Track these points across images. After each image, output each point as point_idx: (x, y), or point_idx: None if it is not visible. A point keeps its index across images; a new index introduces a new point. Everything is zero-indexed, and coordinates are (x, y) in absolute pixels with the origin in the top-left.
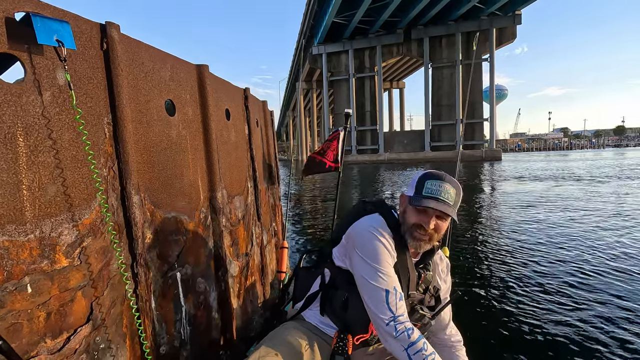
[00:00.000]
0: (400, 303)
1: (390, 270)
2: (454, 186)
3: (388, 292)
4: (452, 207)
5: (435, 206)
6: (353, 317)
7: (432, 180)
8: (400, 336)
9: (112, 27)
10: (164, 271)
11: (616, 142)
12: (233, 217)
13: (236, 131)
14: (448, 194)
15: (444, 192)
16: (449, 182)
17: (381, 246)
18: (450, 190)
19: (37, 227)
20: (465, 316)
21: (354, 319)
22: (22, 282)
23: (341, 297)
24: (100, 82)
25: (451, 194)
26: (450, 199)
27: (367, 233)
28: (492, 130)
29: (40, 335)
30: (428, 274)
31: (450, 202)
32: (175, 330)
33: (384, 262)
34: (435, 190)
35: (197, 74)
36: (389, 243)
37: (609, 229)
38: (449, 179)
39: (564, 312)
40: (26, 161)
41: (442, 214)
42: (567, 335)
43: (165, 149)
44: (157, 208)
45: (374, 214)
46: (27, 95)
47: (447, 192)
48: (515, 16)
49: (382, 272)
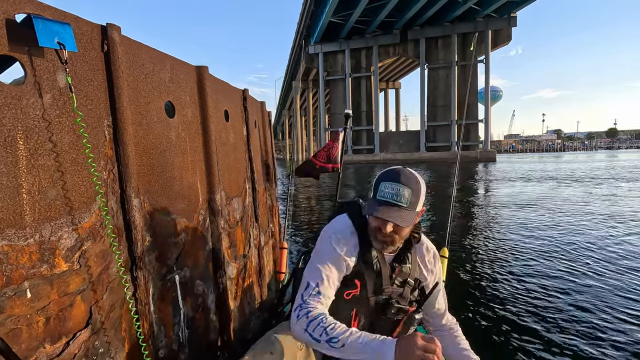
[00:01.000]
0: (314, 298)
1: (325, 269)
2: (410, 185)
3: (308, 285)
4: (406, 209)
5: (384, 214)
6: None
7: (386, 182)
8: (300, 319)
9: (113, 29)
10: (163, 274)
11: (608, 144)
12: (231, 219)
13: (235, 132)
14: (401, 197)
15: (396, 195)
16: (403, 182)
17: (329, 250)
18: (404, 192)
19: (36, 231)
20: (466, 314)
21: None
22: (22, 287)
23: None
24: (101, 84)
25: (404, 196)
26: (404, 201)
27: (324, 237)
28: (487, 131)
29: (39, 341)
30: (405, 267)
31: (404, 203)
32: (173, 334)
33: (323, 260)
34: (387, 193)
35: (197, 75)
36: (343, 248)
37: (605, 228)
38: (405, 179)
39: (563, 309)
40: (26, 164)
41: None
42: (564, 331)
43: (164, 151)
44: (156, 210)
45: (342, 215)
46: (27, 97)
47: (400, 195)
48: (510, 18)
49: (315, 267)
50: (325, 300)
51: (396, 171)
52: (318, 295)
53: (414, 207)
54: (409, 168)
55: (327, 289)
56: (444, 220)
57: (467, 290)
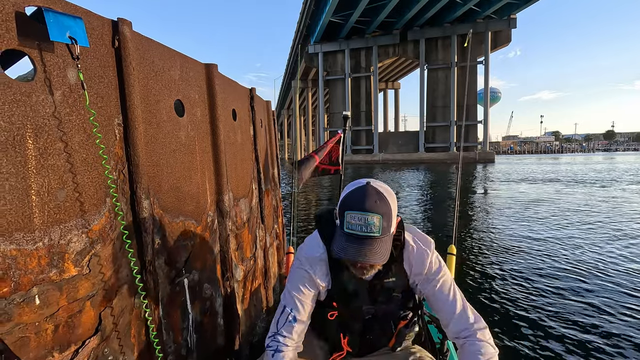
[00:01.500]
0: (289, 325)
1: (297, 293)
2: (378, 210)
3: (284, 309)
4: (380, 238)
5: (356, 255)
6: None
7: (352, 212)
8: (269, 350)
9: (124, 24)
10: (172, 278)
11: (606, 146)
12: (238, 220)
13: (242, 132)
14: (370, 226)
15: (365, 226)
16: (370, 209)
17: (300, 276)
18: (374, 220)
19: (45, 234)
20: None
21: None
22: (30, 293)
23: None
24: (112, 82)
25: (375, 225)
26: (375, 230)
27: (296, 261)
28: (485, 132)
29: (48, 349)
30: (388, 282)
31: (375, 233)
32: (182, 339)
33: (294, 284)
34: (355, 225)
35: (206, 73)
36: (315, 272)
37: (605, 229)
38: (371, 204)
39: (562, 306)
40: (35, 165)
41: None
42: (565, 330)
43: (174, 151)
44: (165, 212)
45: (314, 235)
46: (37, 94)
47: (369, 225)
48: (510, 20)
49: (288, 291)
50: (300, 325)
51: (360, 195)
52: (292, 323)
53: (387, 232)
54: (373, 182)
55: (302, 314)
56: (447, 219)
57: (474, 287)
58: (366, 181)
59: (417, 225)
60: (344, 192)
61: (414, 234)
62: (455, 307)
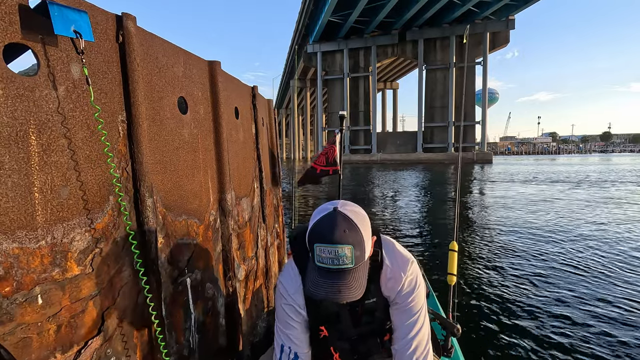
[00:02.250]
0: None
1: (289, 330)
2: (348, 241)
3: (282, 348)
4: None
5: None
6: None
7: (320, 245)
8: None
9: (129, 19)
10: (175, 277)
11: (602, 147)
12: (240, 220)
13: (244, 130)
14: (343, 258)
15: (336, 259)
16: (339, 240)
17: (283, 310)
18: (345, 251)
19: (48, 232)
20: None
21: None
22: (33, 292)
23: None
24: (115, 77)
25: (347, 256)
26: (348, 261)
27: (277, 295)
28: (483, 133)
29: (50, 350)
30: (368, 304)
31: (349, 264)
32: (184, 339)
33: (283, 322)
34: (327, 259)
35: (209, 70)
36: (294, 304)
37: (603, 228)
38: (340, 234)
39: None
40: (38, 161)
41: None
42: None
43: (177, 148)
44: (168, 211)
45: (289, 262)
46: (40, 89)
47: (341, 257)
48: (508, 21)
49: (279, 330)
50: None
51: (328, 225)
52: (296, 357)
53: (361, 260)
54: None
55: (301, 347)
56: (446, 218)
57: (475, 281)
58: (333, 207)
59: (416, 224)
60: (312, 219)
61: (390, 252)
62: (409, 333)
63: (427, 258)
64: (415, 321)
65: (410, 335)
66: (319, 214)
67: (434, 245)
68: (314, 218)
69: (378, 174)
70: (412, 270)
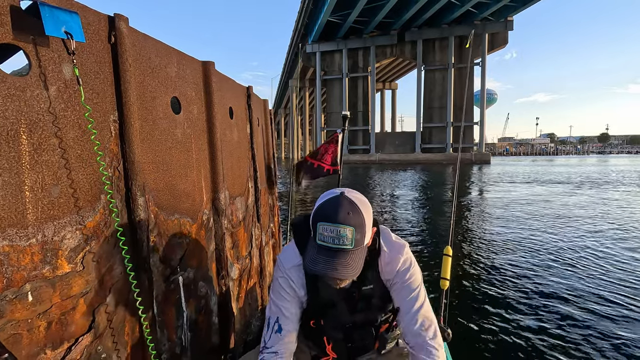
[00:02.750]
0: (276, 335)
1: (280, 301)
2: (351, 222)
3: (269, 320)
4: (353, 250)
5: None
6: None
7: (324, 223)
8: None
9: (121, 20)
10: (167, 276)
11: (600, 149)
12: (234, 219)
13: (239, 130)
14: (343, 239)
15: (337, 238)
16: (342, 221)
17: (277, 282)
18: (346, 232)
19: (39, 230)
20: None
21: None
22: (23, 289)
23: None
24: (107, 78)
25: (347, 237)
26: (347, 243)
27: (276, 271)
28: (481, 133)
29: (40, 346)
30: (365, 290)
31: (348, 245)
32: (176, 337)
33: (276, 293)
34: (327, 237)
35: (203, 71)
36: (293, 281)
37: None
38: (344, 216)
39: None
40: (29, 160)
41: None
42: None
43: (170, 148)
44: (161, 210)
45: (291, 243)
46: (31, 89)
47: (342, 237)
48: (507, 22)
49: (271, 300)
50: (287, 334)
51: (333, 206)
52: (279, 332)
53: (361, 244)
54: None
55: (287, 322)
56: (443, 220)
57: (469, 286)
58: (340, 191)
59: (412, 225)
60: (318, 201)
61: (387, 240)
62: (412, 307)
63: (420, 262)
64: (416, 296)
65: (414, 309)
66: (326, 196)
67: (428, 248)
68: (320, 200)
69: (376, 174)
70: (407, 252)
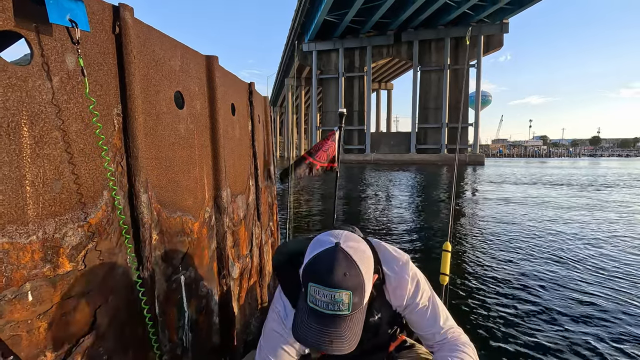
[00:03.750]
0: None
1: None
2: (347, 285)
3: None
4: (351, 315)
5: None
6: None
7: (316, 286)
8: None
9: (126, 10)
10: (169, 275)
11: (591, 151)
12: (235, 217)
13: (240, 127)
14: (339, 304)
15: (332, 304)
16: (338, 283)
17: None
18: (342, 297)
19: (40, 227)
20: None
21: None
22: (23, 289)
23: None
24: (111, 69)
25: (344, 302)
26: (344, 308)
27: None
28: (476, 135)
29: (40, 348)
30: (372, 320)
31: (345, 311)
32: (177, 337)
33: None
34: (321, 302)
35: (207, 65)
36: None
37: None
38: (339, 278)
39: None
40: (30, 154)
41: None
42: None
43: (173, 144)
44: (163, 207)
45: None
46: (33, 79)
47: (337, 303)
48: (502, 25)
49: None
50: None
51: (327, 265)
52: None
53: (359, 306)
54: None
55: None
56: (440, 218)
57: (467, 281)
58: (335, 241)
59: (409, 224)
60: (310, 251)
61: (388, 261)
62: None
63: (419, 259)
64: (434, 310)
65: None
66: (319, 247)
67: (426, 245)
68: (311, 250)
69: (372, 174)
70: (411, 267)
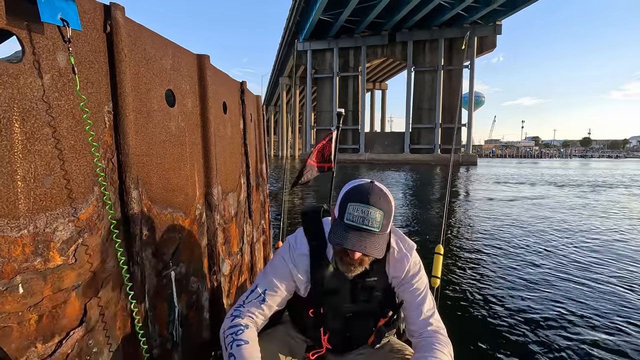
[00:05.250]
0: (257, 304)
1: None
2: (381, 207)
3: (255, 288)
4: (378, 234)
5: (355, 245)
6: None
7: (355, 204)
8: (228, 319)
9: (117, 9)
10: (159, 270)
11: (582, 152)
12: (226, 214)
13: (232, 125)
14: (372, 220)
15: (367, 219)
16: (374, 204)
17: (282, 260)
18: (376, 215)
19: (31, 221)
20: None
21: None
22: (14, 281)
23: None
24: (102, 67)
25: (376, 220)
26: (376, 225)
27: (280, 250)
28: (469, 135)
29: (30, 340)
30: (369, 281)
31: (375, 228)
32: (167, 332)
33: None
34: (357, 217)
35: (198, 64)
36: (294, 264)
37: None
38: (375, 199)
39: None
40: (22, 149)
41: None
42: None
43: (164, 141)
44: (154, 204)
45: (298, 231)
46: (25, 77)
47: (371, 219)
48: (496, 26)
49: (265, 273)
50: (267, 308)
51: (365, 190)
52: (262, 302)
53: (385, 230)
54: (377, 184)
55: (273, 299)
56: (433, 219)
57: (459, 285)
58: (370, 180)
59: (402, 226)
60: (347, 186)
61: (398, 237)
62: (422, 312)
63: None
64: (425, 297)
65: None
66: (356, 182)
67: (419, 246)
68: (349, 185)
69: (366, 174)
70: (415, 254)
